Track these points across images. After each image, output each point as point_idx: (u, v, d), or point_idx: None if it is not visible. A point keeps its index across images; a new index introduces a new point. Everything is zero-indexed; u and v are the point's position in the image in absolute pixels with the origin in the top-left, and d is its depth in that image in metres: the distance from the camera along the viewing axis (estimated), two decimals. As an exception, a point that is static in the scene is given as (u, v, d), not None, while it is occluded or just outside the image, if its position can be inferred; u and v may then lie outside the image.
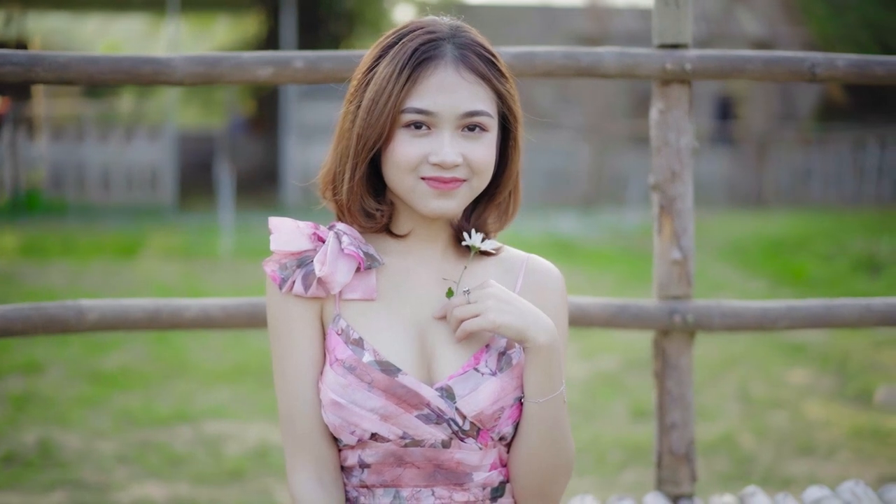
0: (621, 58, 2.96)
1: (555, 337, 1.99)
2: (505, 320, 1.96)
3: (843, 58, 3.04)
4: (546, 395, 2.01)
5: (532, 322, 1.98)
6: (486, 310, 1.96)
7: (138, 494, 5.13)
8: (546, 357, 1.99)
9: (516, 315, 1.97)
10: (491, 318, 1.96)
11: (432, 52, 2.00)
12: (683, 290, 3.06)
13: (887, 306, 3.14)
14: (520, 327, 1.97)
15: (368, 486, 2.06)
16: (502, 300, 1.97)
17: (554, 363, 2.00)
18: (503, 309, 1.97)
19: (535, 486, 2.08)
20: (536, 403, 2.01)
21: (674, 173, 2.99)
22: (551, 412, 2.02)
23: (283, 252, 2.06)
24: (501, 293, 1.98)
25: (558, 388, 2.01)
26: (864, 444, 6.00)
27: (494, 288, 1.99)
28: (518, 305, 1.98)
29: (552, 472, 2.06)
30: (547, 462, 2.05)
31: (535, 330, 1.98)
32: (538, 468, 2.06)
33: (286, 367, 2.06)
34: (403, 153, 1.99)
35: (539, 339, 1.98)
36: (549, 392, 2.01)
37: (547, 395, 2.01)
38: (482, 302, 1.97)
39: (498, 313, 1.96)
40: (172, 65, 2.80)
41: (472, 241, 2.05)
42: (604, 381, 7.40)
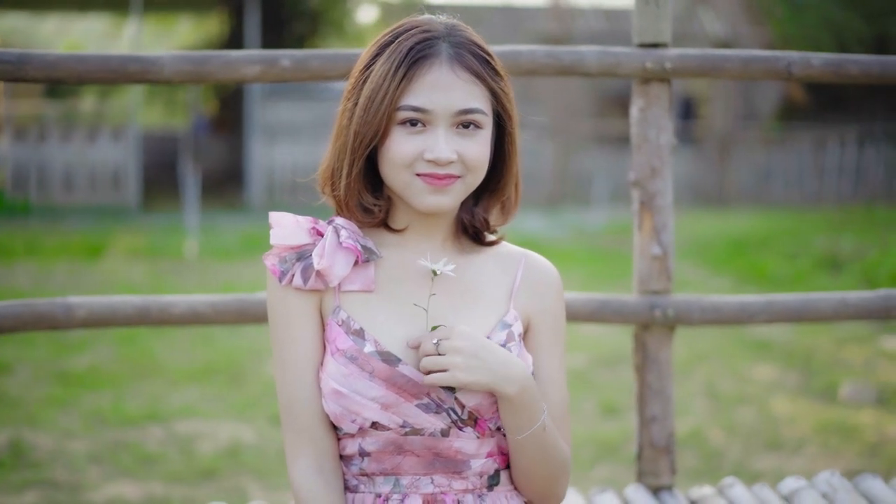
0: (602, 57, 3.01)
1: (525, 385, 2.02)
2: (472, 379, 1.99)
3: (818, 57, 3.10)
4: (524, 432, 2.06)
5: (500, 377, 2.00)
6: (453, 367, 1.98)
7: (111, 494, 5.12)
8: (517, 404, 2.03)
9: (483, 372, 1.99)
10: (458, 378, 1.98)
11: (428, 51, 2.03)
12: (663, 284, 3.11)
13: (861, 300, 3.21)
14: (487, 383, 2.00)
15: (368, 474, 2.10)
16: (470, 355, 1.99)
17: (526, 407, 2.04)
18: (470, 366, 1.98)
19: (538, 492, 2.16)
20: (516, 439, 2.07)
21: (654, 170, 3.04)
22: (534, 442, 2.07)
23: (283, 246, 2.10)
24: (470, 347, 1.99)
25: (535, 424, 2.06)
26: (830, 439, 6.07)
27: (464, 340, 2.00)
28: (488, 359, 2.00)
29: (551, 479, 2.14)
30: (543, 474, 2.12)
31: (503, 384, 2.00)
32: (537, 480, 2.13)
33: (286, 358, 2.10)
34: (399, 150, 2.03)
35: (508, 390, 2.01)
36: (526, 429, 2.06)
37: (525, 431, 2.06)
38: (450, 357, 1.98)
39: (465, 372, 1.98)
40: (160, 63, 2.82)
41: (431, 266, 2.06)
42: (573, 379, 7.44)
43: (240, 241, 13.84)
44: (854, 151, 20.81)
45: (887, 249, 12.19)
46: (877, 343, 8.48)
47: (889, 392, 7.00)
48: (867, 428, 6.25)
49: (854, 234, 14.27)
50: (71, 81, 2.79)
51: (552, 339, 2.18)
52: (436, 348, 2.00)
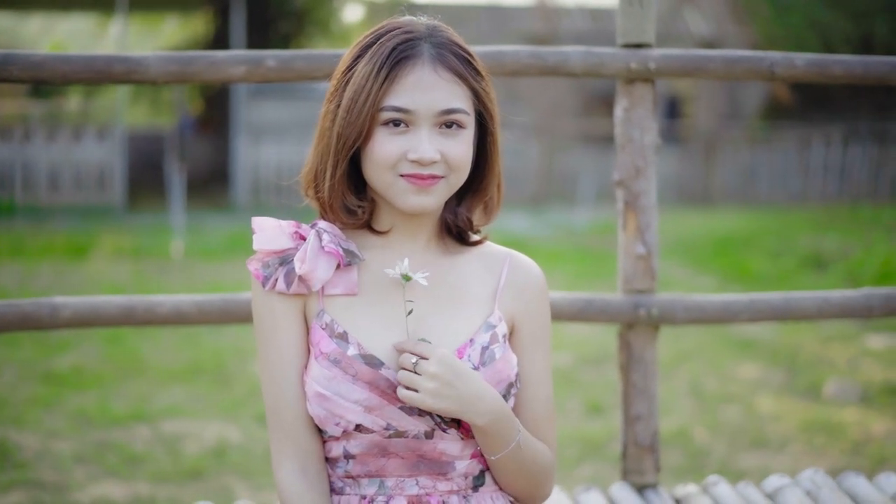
0: (587, 57, 3.02)
1: (496, 416, 2.03)
2: (440, 406, 2.00)
3: (801, 57, 3.12)
4: (497, 454, 2.08)
5: (470, 407, 2.01)
6: (424, 391, 1.99)
7: (97, 494, 5.12)
8: (487, 432, 2.05)
9: (452, 401, 2.00)
10: (428, 403, 2.00)
11: (409, 52, 2.04)
12: (648, 284, 3.12)
13: (844, 299, 3.23)
14: (455, 412, 2.01)
15: (354, 476, 2.11)
16: (444, 383, 1.99)
17: (497, 435, 2.06)
18: (441, 394, 1.99)
19: (522, 494, 2.18)
20: (491, 459, 2.09)
21: (638, 170, 3.06)
22: (509, 461, 2.09)
23: (266, 251, 2.10)
24: (445, 374, 2.00)
25: (508, 447, 2.08)
26: (814, 437, 6.10)
27: (441, 367, 2.00)
28: (460, 389, 2.00)
29: (533, 485, 2.16)
30: (524, 483, 2.15)
31: (472, 415, 2.02)
32: (519, 487, 2.16)
33: (271, 361, 2.11)
34: (382, 151, 2.04)
35: (476, 421, 2.03)
36: (499, 451, 2.08)
37: (498, 454, 2.08)
38: (424, 381, 1.99)
39: (435, 399, 1.99)
40: (146, 63, 2.82)
41: (402, 270, 2.06)
42: (558, 378, 7.46)
43: (225, 241, 13.82)
44: (839, 151, 20.87)
45: (871, 248, 12.23)
46: (861, 341, 8.51)
47: (873, 390, 7.03)
48: (851, 426, 6.27)
49: (838, 233, 14.31)
50: (56, 82, 2.79)
51: (537, 339, 2.19)
52: (413, 367, 2.01)
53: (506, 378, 2.10)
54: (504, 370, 2.10)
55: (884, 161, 20.66)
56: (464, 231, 2.19)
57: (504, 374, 2.10)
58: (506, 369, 2.11)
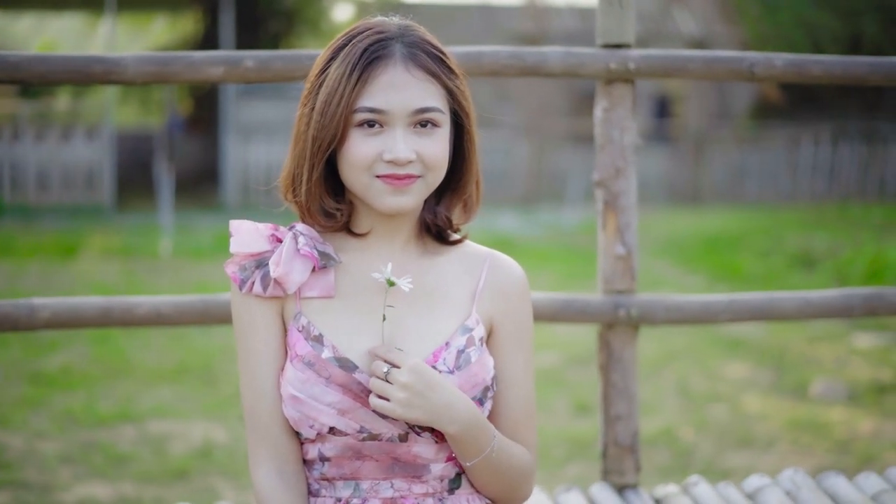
0: (566, 57, 3.02)
1: (468, 425, 2.02)
2: (411, 416, 2.00)
3: (780, 57, 3.12)
4: (472, 460, 2.07)
5: (442, 417, 2.01)
6: (396, 401, 1.99)
7: (83, 494, 5.11)
8: (459, 440, 2.04)
9: (424, 411, 2.00)
10: (398, 412, 1.99)
11: (381, 52, 2.04)
12: (627, 284, 3.12)
13: (824, 299, 3.23)
14: (426, 422, 2.01)
15: (329, 478, 2.11)
16: (415, 394, 1.99)
17: (470, 442, 2.05)
18: (412, 404, 1.99)
19: (500, 497, 2.17)
20: (466, 465, 2.09)
21: (618, 170, 3.06)
22: (484, 466, 2.09)
23: (243, 254, 2.10)
24: (416, 384, 1.99)
25: (482, 453, 2.07)
26: (801, 436, 6.11)
27: (412, 377, 1.99)
28: (431, 399, 2.00)
29: (510, 488, 2.15)
30: (501, 486, 2.14)
31: (444, 423, 2.01)
32: (496, 491, 2.15)
33: (249, 364, 2.11)
34: (357, 152, 2.03)
35: (448, 429, 2.02)
36: (473, 457, 2.07)
37: (472, 460, 2.07)
38: (395, 390, 1.99)
39: (405, 408, 1.99)
40: (123, 64, 2.82)
41: (386, 275, 2.05)
42: (546, 377, 7.46)
43: (214, 241, 13.80)
44: (828, 149, 20.91)
45: (860, 248, 12.25)
46: (848, 341, 8.52)
47: (860, 389, 7.04)
48: (838, 425, 6.28)
49: (827, 232, 14.33)
50: (34, 82, 2.79)
51: (516, 340, 2.18)
52: (384, 375, 2.01)
53: (481, 382, 2.10)
54: (479, 374, 2.09)
55: (872, 160, 20.71)
56: (443, 230, 2.18)
57: (479, 378, 2.09)
58: (481, 373, 2.10)
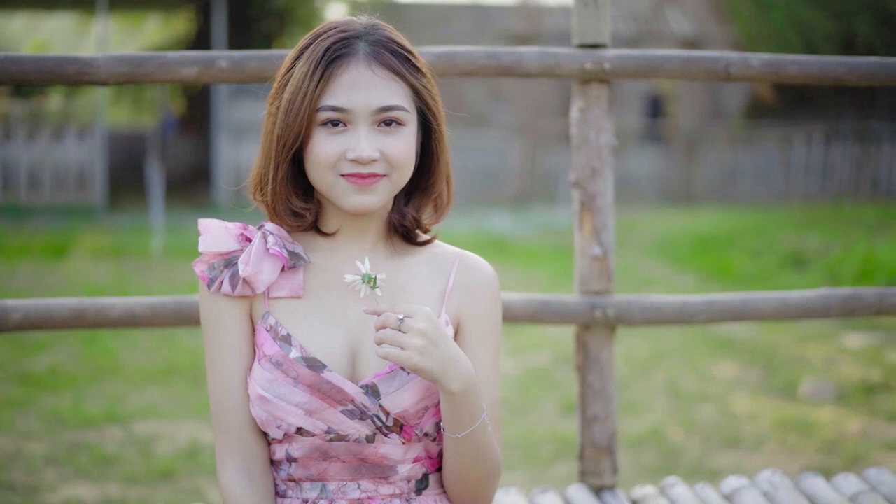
0: (542, 57, 3.01)
1: (469, 383, 1.99)
2: (425, 365, 1.94)
3: (757, 57, 3.11)
4: (463, 431, 2.03)
5: (450, 369, 1.96)
6: (412, 348, 1.93)
7: (68, 495, 5.10)
8: (459, 402, 2.00)
9: (437, 361, 1.95)
10: (413, 360, 1.93)
11: (344, 51, 2.03)
12: (604, 285, 3.11)
13: (803, 300, 3.23)
14: (437, 373, 1.96)
15: (296, 479, 2.10)
16: (430, 342, 1.94)
17: (467, 406, 2.01)
18: (427, 352, 1.94)
19: (467, 494, 2.14)
20: (454, 437, 2.04)
21: (594, 170, 3.05)
22: (471, 443, 2.04)
23: (212, 253, 2.10)
24: (432, 332, 1.95)
25: (475, 423, 2.03)
26: (789, 436, 6.11)
27: (427, 324, 1.95)
28: (442, 350, 1.95)
29: (481, 483, 2.12)
30: (475, 476, 2.10)
31: (450, 378, 1.97)
32: (468, 482, 2.11)
33: (217, 363, 2.11)
34: (321, 151, 2.03)
35: (452, 386, 1.97)
36: (466, 427, 2.03)
37: (464, 430, 2.03)
38: (411, 338, 1.94)
39: (421, 356, 1.93)
40: (96, 64, 2.81)
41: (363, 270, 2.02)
42: (534, 377, 7.47)
43: (205, 241, 13.77)
44: (821, 149, 20.92)
45: (852, 247, 12.25)
46: (838, 340, 8.53)
47: (849, 389, 7.04)
48: (826, 425, 6.28)
49: (819, 231, 14.34)
50: (5, 82, 2.78)
51: (484, 340, 2.16)
52: (398, 325, 1.95)
53: None
54: None
55: (865, 160, 20.72)
56: (411, 231, 2.17)
57: None
58: None
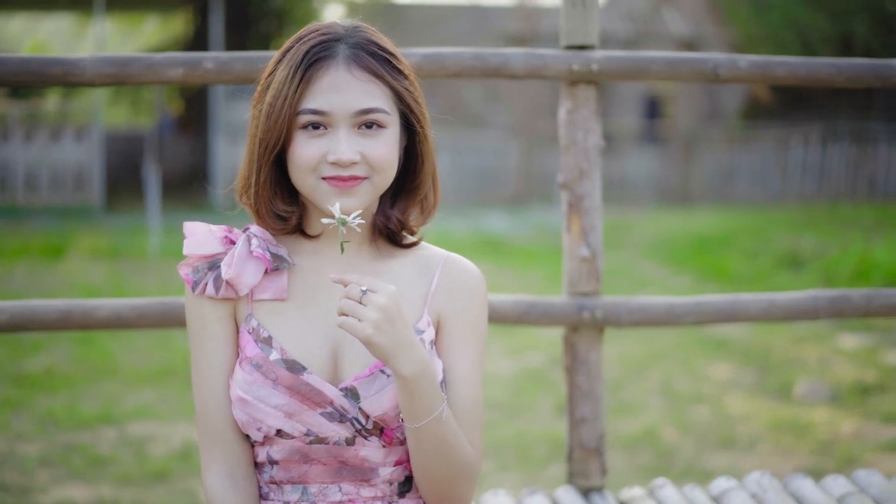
0: (528, 59, 3.01)
1: (422, 371, 1.96)
2: (377, 340, 1.92)
3: (745, 59, 3.11)
4: (419, 421, 2.00)
5: (402, 351, 1.94)
6: (367, 320, 1.92)
7: (60, 496, 5.10)
8: (411, 388, 1.97)
9: (390, 338, 1.93)
10: (366, 333, 1.92)
11: (324, 53, 2.03)
12: (592, 286, 3.11)
13: (791, 301, 3.22)
14: (388, 351, 1.94)
15: (277, 482, 2.10)
16: (387, 318, 1.92)
17: (421, 393, 1.98)
18: (382, 328, 1.92)
19: (435, 492, 2.11)
20: (413, 428, 2.01)
21: (581, 172, 3.04)
22: (430, 434, 2.02)
23: (196, 256, 2.10)
24: (390, 309, 1.93)
25: (432, 414, 2.00)
26: (783, 437, 6.11)
27: (388, 300, 1.93)
28: (399, 330, 1.94)
29: (449, 481, 2.09)
30: (441, 474, 2.07)
31: (401, 360, 1.94)
32: (434, 479, 2.08)
33: (201, 365, 2.11)
34: (302, 154, 2.02)
35: (402, 369, 1.95)
36: (422, 418, 2.00)
37: (420, 420, 2.00)
38: (369, 311, 1.92)
39: (375, 330, 1.92)
40: (82, 65, 2.81)
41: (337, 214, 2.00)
42: (529, 378, 7.47)
43: (202, 241, 13.76)
44: (818, 150, 20.92)
45: (848, 248, 12.26)
46: (834, 341, 8.53)
47: (843, 390, 7.05)
48: (820, 426, 6.28)
49: (816, 232, 14.34)
50: (-9, 84, 2.78)
51: (466, 339, 2.15)
52: (360, 296, 1.94)
53: None
54: None
55: (862, 161, 20.72)
56: (396, 233, 2.16)
57: None
58: None
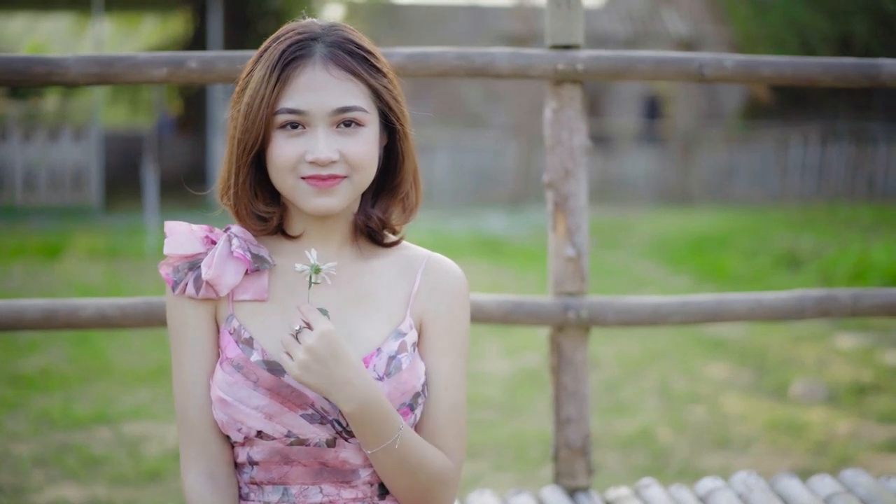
0: (513, 59, 3.00)
1: (363, 406, 1.97)
2: (307, 380, 1.96)
3: (730, 58, 3.11)
4: (375, 447, 2.02)
5: (337, 389, 1.96)
6: (297, 361, 1.95)
7: (54, 496, 5.09)
8: (355, 421, 1.99)
9: (321, 379, 1.95)
10: (295, 373, 1.96)
11: (300, 52, 2.02)
12: (578, 286, 3.11)
13: (777, 301, 3.22)
14: (322, 391, 1.97)
15: (258, 482, 2.09)
16: (315, 359, 1.95)
17: (366, 425, 1.99)
18: (311, 369, 1.94)
19: (409, 501, 2.11)
20: (370, 452, 2.03)
21: (567, 171, 3.04)
22: (387, 458, 2.03)
23: (177, 255, 2.09)
24: (321, 351, 1.95)
25: (384, 442, 2.01)
26: (779, 437, 6.10)
27: (319, 342, 1.95)
28: (331, 370, 1.95)
29: (420, 492, 2.09)
30: (409, 488, 2.08)
31: (337, 398, 1.97)
32: (402, 491, 2.09)
33: (181, 365, 2.10)
34: (281, 154, 2.02)
35: (341, 406, 1.98)
36: (373, 445, 2.01)
37: (372, 448, 2.02)
38: (299, 350, 1.95)
39: (303, 371, 1.95)
40: (65, 65, 2.81)
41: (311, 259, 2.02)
42: (527, 378, 7.47)
43: (200, 241, 13.76)
44: (817, 150, 20.92)
45: (846, 248, 12.25)
46: (831, 341, 8.53)
47: (840, 390, 7.04)
48: (816, 426, 6.28)
49: (814, 232, 14.33)
50: (-26, 83, 2.78)
51: (447, 342, 2.14)
52: (295, 333, 1.97)
53: (411, 389, 2.07)
54: (409, 381, 2.07)
55: (861, 161, 20.72)
56: (377, 232, 2.15)
57: (409, 384, 2.07)
58: (411, 380, 2.07)
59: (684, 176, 21.61)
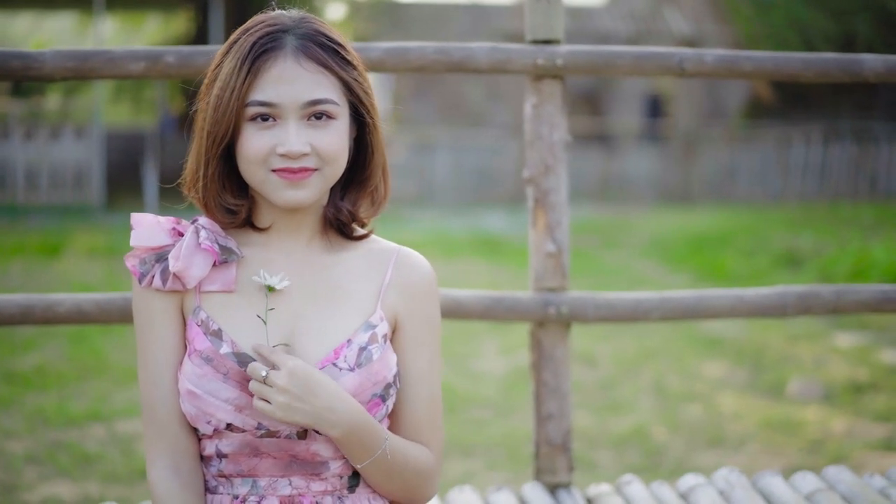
0: (492, 53, 2.99)
1: (351, 427, 2.00)
2: (292, 419, 1.97)
3: (710, 53, 3.10)
4: (360, 463, 2.05)
5: (324, 419, 1.98)
6: (276, 404, 1.96)
7: (47, 494, 5.09)
8: (344, 442, 2.02)
9: (305, 414, 1.97)
10: (279, 416, 1.97)
11: (271, 45, 2.02)
12: (558, 282, 3.10)
13: (758, 297, 3.21)
14: (309, 425, 1.99)
15: (227, 475, 2.09)
16: (294, 397, 1.96)
17: (356, 444, 2.02)
18: (292, 407, 1.96)
19: (398, 498, 2.14)
20: (357, 466, 2.06)
21: (547, 167, 3.03)
22: (376, 468, 2.06)
23: (143, 247, 2.09)
24: (296, 388, 1.96)
25: (373, 455, 2.04)
26: (774, 436, 6.09)
27: (292, 380, 1.96)
28: (312, 403, 1.97)
29: (408, 489, 2.13)
30: (398, 486, 2.12)
31: (326, 427, 1.99)
32: (393, 492, 2.13)
33: (147, 358, 2.09)
34: (251, 147, 2.01)
35: (329, 433, 2.00)
36: (362, 460, 2.04)
37: (362, 462, 2.05)
38: (274, 393, 1.96)
39: (285, 412, 1.96)
40: (42, 59, 2.81)
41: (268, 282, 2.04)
42: (521, 377, 7.45)
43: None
44: (819, 149, 20.90)
45: (846, 247, 12.24)
46: (828, 339, 8.51)
47: (836, 389, 7.03)
48: (811, 424, 6.27)
49: (815, 231, 14.32)
50: (-49, 78, 2.78)
51: (421, 337, 2.15)
52: (263, 378, 1.98)
53: (382, 380, 2.07)
54: (381, 372, 2.07)
55: (863, 160, 20.70)
56: (345, 225, 2.15)
57: (380, 375, 2.07)
58: (382, 371, 2.07)
59: (685, 175, 21.60)
